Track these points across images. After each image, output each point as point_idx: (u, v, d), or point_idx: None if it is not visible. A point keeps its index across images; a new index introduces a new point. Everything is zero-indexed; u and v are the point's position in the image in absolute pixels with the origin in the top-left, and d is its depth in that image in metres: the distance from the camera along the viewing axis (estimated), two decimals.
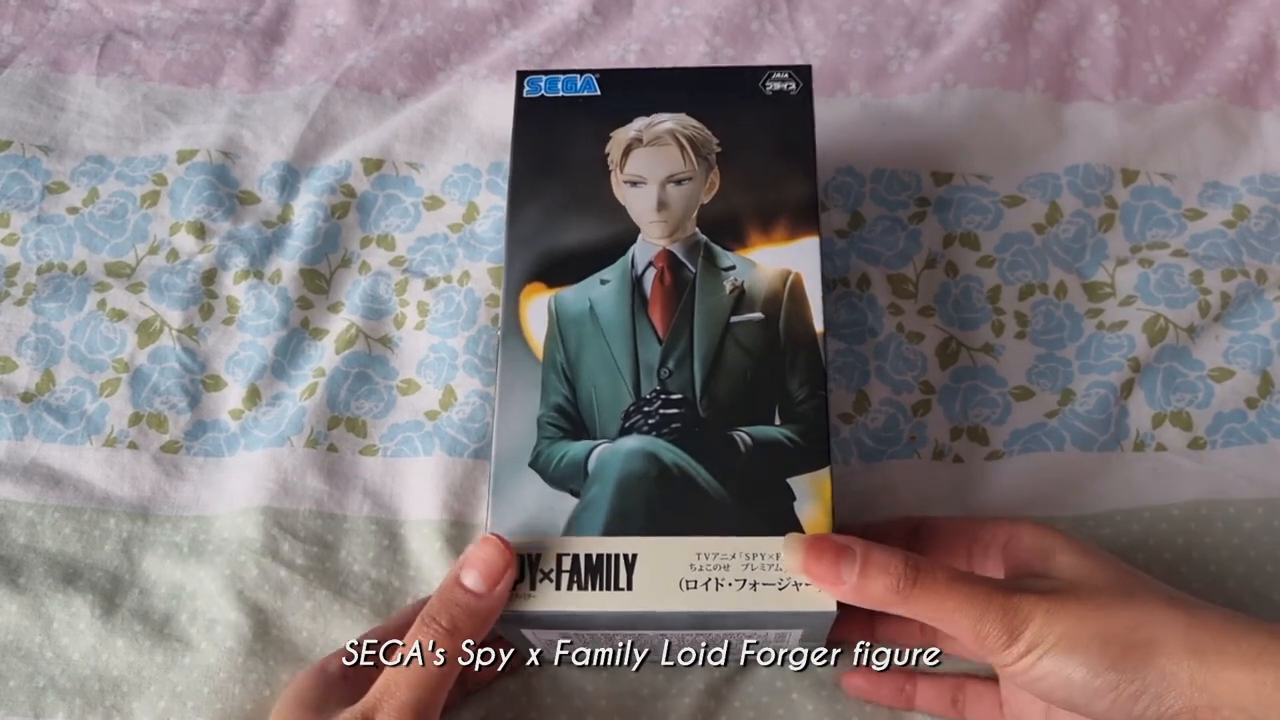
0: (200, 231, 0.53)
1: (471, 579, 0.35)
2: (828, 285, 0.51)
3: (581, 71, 0.43)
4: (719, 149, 0.41)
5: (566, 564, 0.35)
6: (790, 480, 0.36)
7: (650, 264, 0.39)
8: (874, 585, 0.33)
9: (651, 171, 0.40)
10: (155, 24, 0.60)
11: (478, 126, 0.56)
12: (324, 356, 0.50)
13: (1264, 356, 0.48)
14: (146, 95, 0.58)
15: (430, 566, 0.45)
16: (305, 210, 0.53)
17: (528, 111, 0.43)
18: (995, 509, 0.46)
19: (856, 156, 0.54)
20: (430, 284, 0.52)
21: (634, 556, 0.35)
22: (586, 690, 0.43)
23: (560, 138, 0.42)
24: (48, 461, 0.48)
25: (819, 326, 0.38)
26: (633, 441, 0.36)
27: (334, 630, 0.44)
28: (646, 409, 0.37)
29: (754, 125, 0.41)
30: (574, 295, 0.39)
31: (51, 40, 0.60)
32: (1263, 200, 0.52)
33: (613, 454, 0.36)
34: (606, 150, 0.41)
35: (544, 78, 0.43)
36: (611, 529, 0.35)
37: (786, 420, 0.37)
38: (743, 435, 0.36)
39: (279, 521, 0.46)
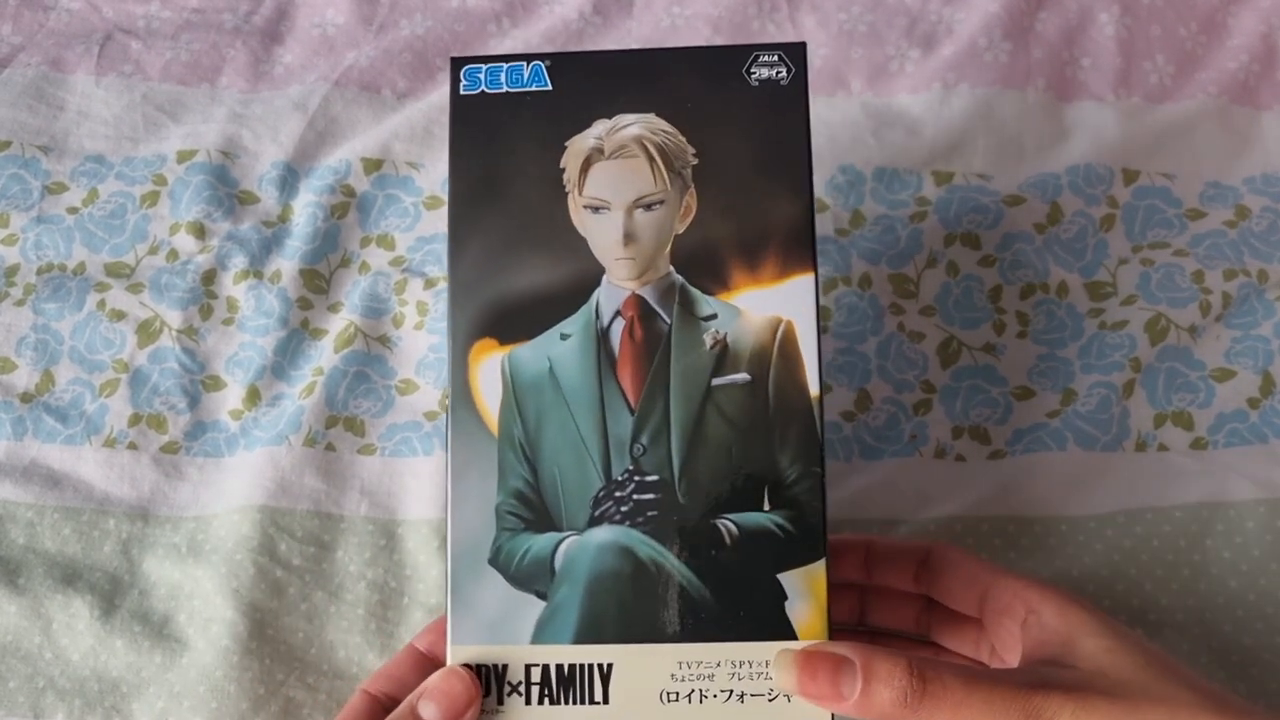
0: (200, 231, 0.53)
1: (430, 713, 0.32)
2: (829, 284, 0.51)
3: (529, 58, 0.36)
4: (695, 161, 0.34)
5: (536, 675, 0.32)
6: (781, 576, 0.32)
7: (618, 313, 0.33)
8: (879, 699, 0.30)
9: (616, 193, 0.34)
10: (154, 23, 0.60)
11: None
12: (323, 356, 0.50)
13: (1265, 356, 0.48)
14: (146, 95, 0.58)
15: (427, 566, 0.45)
16: (305, 210, 0.53)
17: (466, 114, 0.35)
18: (996, 509, 0.46)
19: (857, 156, 0.54)
20: (430, 284, 0.51)
21: (609, 667, 0.32)
22: None
23: (506, 148, 0.35)
24: (47, 462, 0.48)
25: (814, 389, 0.33)
26: (604, 534, 0.32)
27: (330, 630, 0.44)
28: (618, 494, 0.32)
29: (736, 126, 0.34)
30: (531, 354, 0.33)
31: (51, 40, 0.60)
32: (1264, 200, 0.52)
33: (581, 549, 0.32)
34: (561, 165, 0.34)
35: (484, 68, 0.36)
36: (583, 636, 0.32)
37: (776, 505, 0.32)
38: (727, 524, 0.32)
39: (276, 521, 0.46)
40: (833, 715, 0.31)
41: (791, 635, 0.32)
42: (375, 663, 0.43)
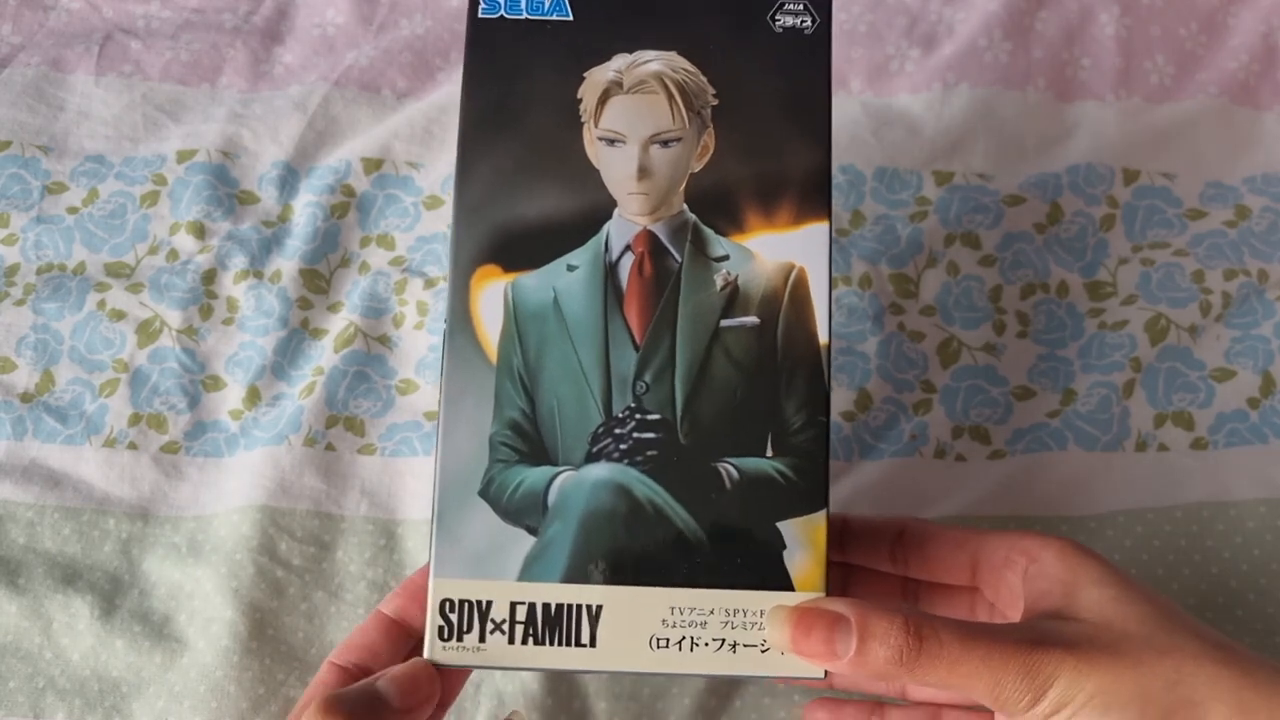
0: (200, 231, 0.53)
1: (388, 691, 0.31)
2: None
3: None
4: (715, 102, 0.33)
5: (521, 614, 0.31)
6: (781, 525, 0.31)
7: (628, 248, 0.33)
8: (874, 657, 0.29)
9: (632, 127, 0.33)
10: (154, 23, 0.60)
11: None
12: (323, 356, 0.50)
13: (1265, 356, 0.48)
14: (146, 95, 0.58)
15: None
16: (305, 210, 0.53)
17: (483, 38, 0.34)
18: (997, 509, 0.46)
19: (857, 155, 0.54)
20: (430, 283, 0.51)
21: (598, 609, 0.31)
22: (587, 691, 0.43)
23: (522, 75, 0.34)
24: (47, 462, 0.48)
25: (823, 337, 0.32)
26: (601, 470, 0.31)
27: (330, 630, 0.44)
28: (618, 431, 0.31)
29: (758, 72, 0.33)
30: (536, 283, 0.32)
31: (50, 40, 0.60)
32: (1264, 200, 0.52)
33: (577, 485, 0.31)
34: (579, 95, 0.34)
35: None
36: (572, 575, 0.31)
37: (780, 452, 0.31)
38: (728, 468, 0.31)
39: (276, 520, 0.46)
40: (826, 671, 0.31)
41: (788, 586, 0.31)
42: None
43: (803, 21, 0.34)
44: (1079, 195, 0.52)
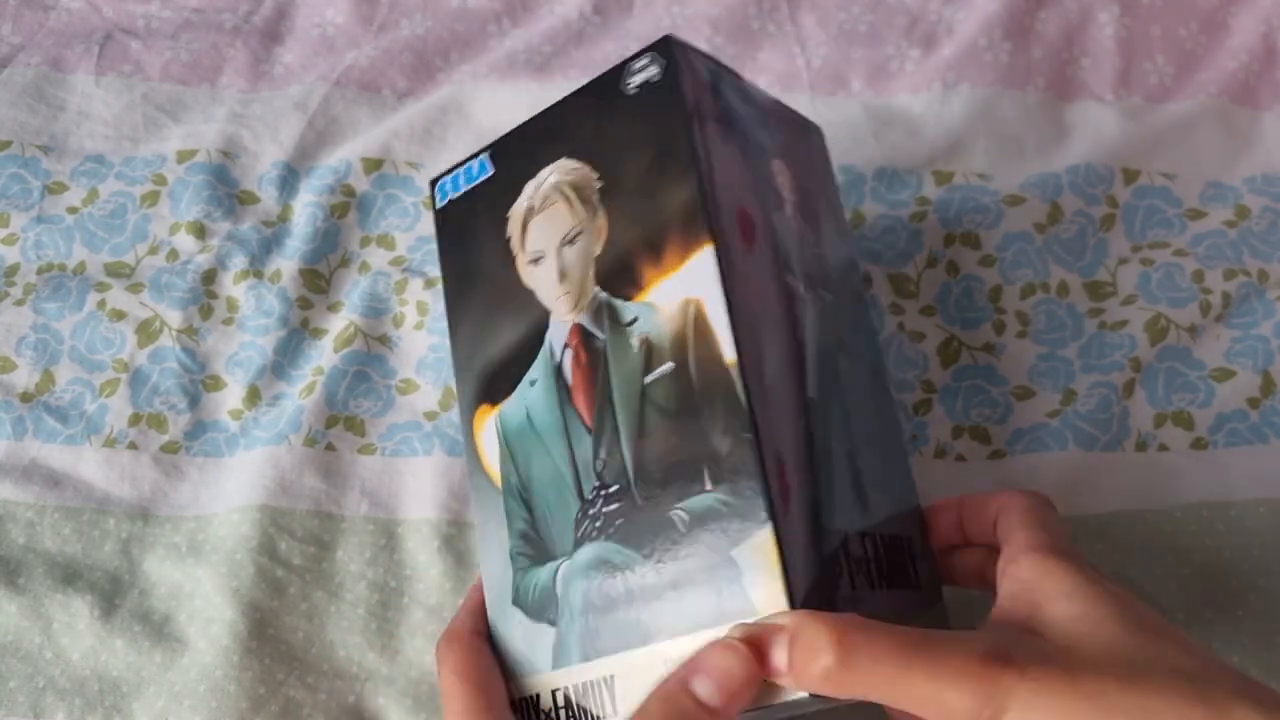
0: (200, 231, 0.53)
1: (706, 689, 0.29)
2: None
3: (478, 154, 0.40)
4: (600, 184, 0.36)
5: (560, 699, 0.33)
6: (734, 553, 0.31)
7: (566, 345, 0.35)
8: (808, 669, 0.28)
9: (548, 240, 0.36)
10: (154, 23, 0.60)
11: (478, 126, 0.56)
12: (323, 356, 0.50)
13: (1265, 356, 0.48)
14: (146, 95, 0.58)
15: (427, 566, 0.45)
16: (305, 210, 0.53)
17: (445, 223, 0.40)
18: None
19: (857, 155, 0.54)
20: (430, 283, 0.51)
21: (612, 678, 0.32)
22: None
23: (474, 239, 0.39)
24: (47, 462, 0.48)
25: (729, 356, 0.32)
26: (586, 553, 0.33)
27: (330, 630, 0.44)
28: (591, 511, 0.33)
29: (627, 137, 0.35)
30: (513, 407, 0.36)
31: (51, 40, 0.60)
32: (1264, 200, 0.52)
33: (572, 571, 0.34)
34: (508, 234, 0.38)
35: (449, 178, 0.41)
36: (587, 654, 0.33)
37: (717, 480, 0.31)
38: (679, 513, 0.32)
39: (276, 520, 0.46)
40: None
41: (750, 611, 0.30)
42: (375, 662, 0.43)
43: (651, 73, 0.35)
44: (1079, 195, 0.52)
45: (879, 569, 0.34)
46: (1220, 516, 0.45)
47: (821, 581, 0.31)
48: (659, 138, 0.34)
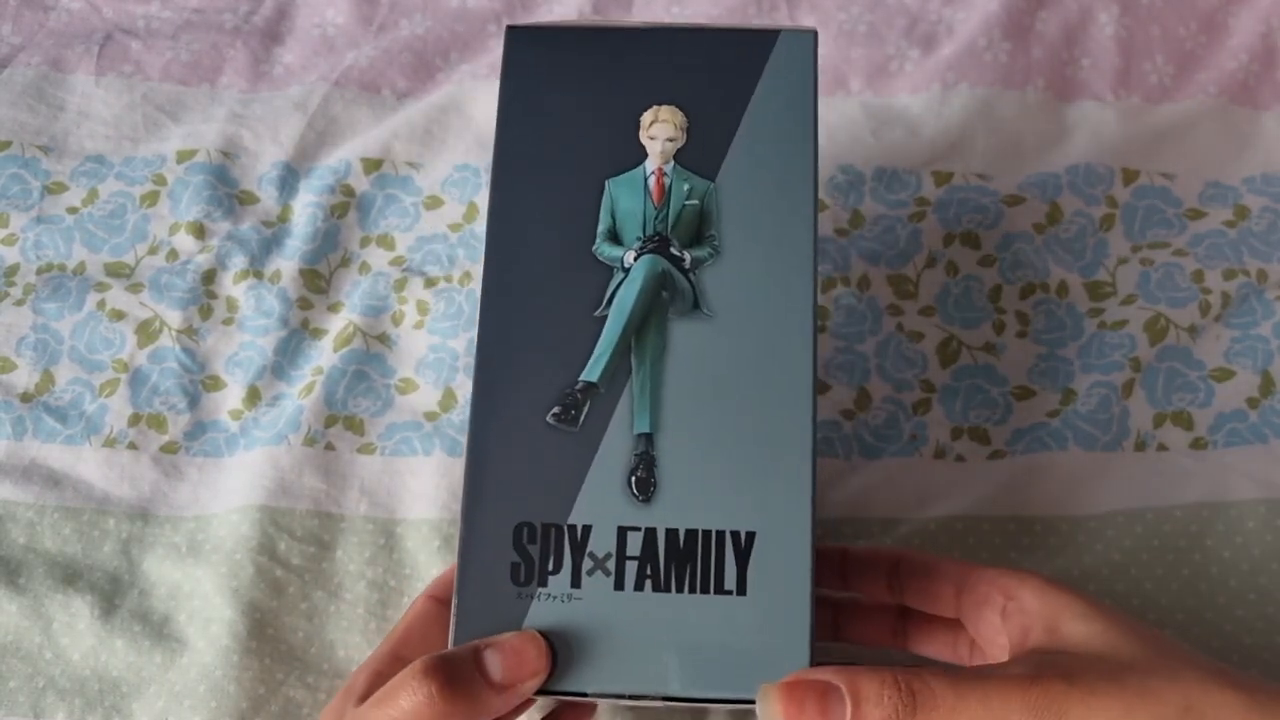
0: (200, 231, 0.53)
1: (494, 665, 0.31)
2: (828, 284, 0.51)
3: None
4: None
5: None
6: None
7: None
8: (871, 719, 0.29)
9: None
10: (154, 23, 0.60)
11: (478, 126, 0.56)
12: (323, 356, 0.50)
13: (1265, 356, 0.48)
14: (146, 95, 0.58)
15: (427, 565, 0.45)
16: (305, 210, 0.53)
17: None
18: (997, 509, 0.46)
19: (857, 155, 0.54)
20: (430, 283, 0.51)
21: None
22: None
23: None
24: (47, 462, 0.48)
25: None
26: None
27: (329, 630, 0.44)
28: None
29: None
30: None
31: (51, 40, 0.60)
32: (1263, 200, 0.52)
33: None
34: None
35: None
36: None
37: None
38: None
39: (276, 520, 0.46)
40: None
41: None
42: None
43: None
44: (1078, 195, 0.52)
45: (662, 569, 0.32)
46: (1220, 516, 0.45)
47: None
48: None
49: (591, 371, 0.33)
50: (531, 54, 0.37)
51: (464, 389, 0.49)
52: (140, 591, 0.45)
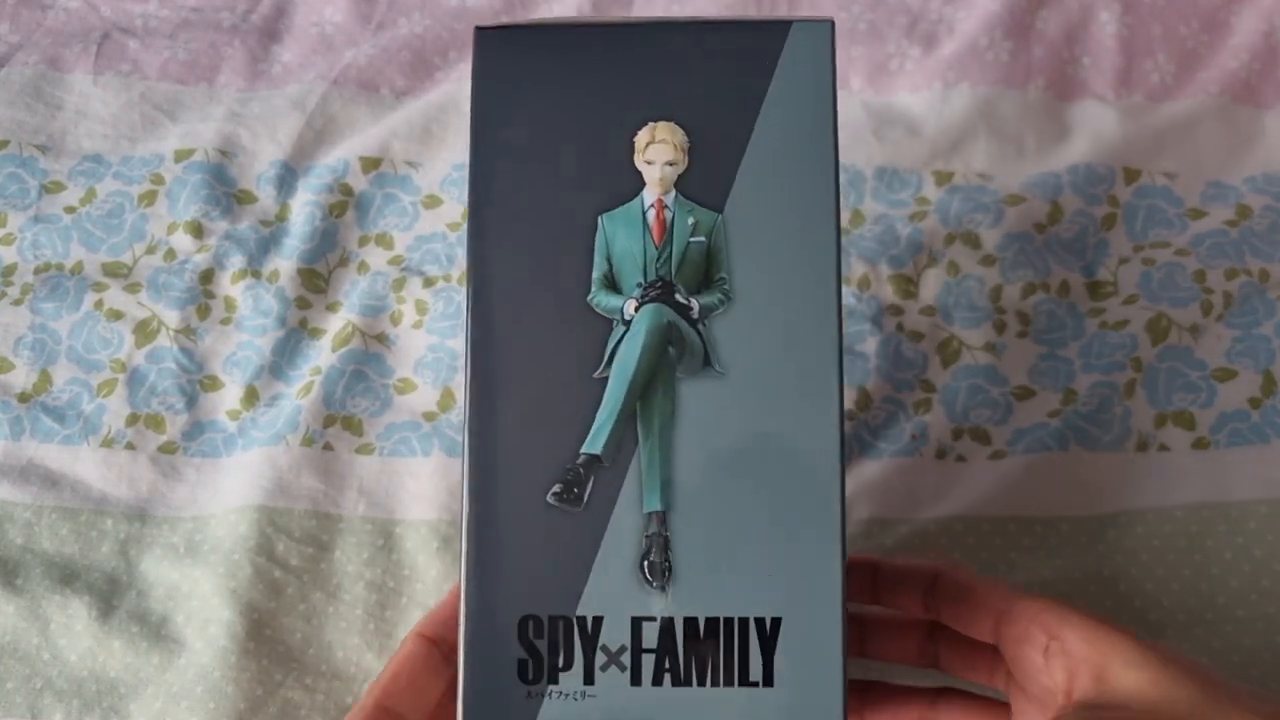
0: (198, 231, 0.53)
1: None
2: None
3: None
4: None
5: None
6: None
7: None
8: None
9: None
10: (152, 22, 0.60)
11: None
12: (321, 355, 0.50)
13: (1267, 356, 0.48)
14: (144, 94, 0.58)
15: (425, 566, 0.45)
16: (303, 209, 0.53)
17: None
18: (997, 509, 0.46)
19: (858, 154, 0.54)
20: (429, 282, 0.51)
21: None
22: None
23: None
24: (45, 462, 0.48)
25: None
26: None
27: (328, 631, 0.44)
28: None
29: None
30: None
31: (48, 39, 0.60)
32: (1265, 199, 0.52)
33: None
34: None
35: None
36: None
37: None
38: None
39: (274, 521, 0.45)
40: None
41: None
42: (374, 663, 0.43)
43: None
44: (1079, 195, 0.52)
45: (681, 661, 0.30)
46: (1221, 517, 0.45)
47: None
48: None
49: (594, 443, 0.30)
50: (505, 62, 0.32)
51: (464, 390, 0.49)
52: (138, 592, 0.45)
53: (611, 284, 0.31)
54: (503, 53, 0.32)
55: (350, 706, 0.43)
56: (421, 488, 0.47)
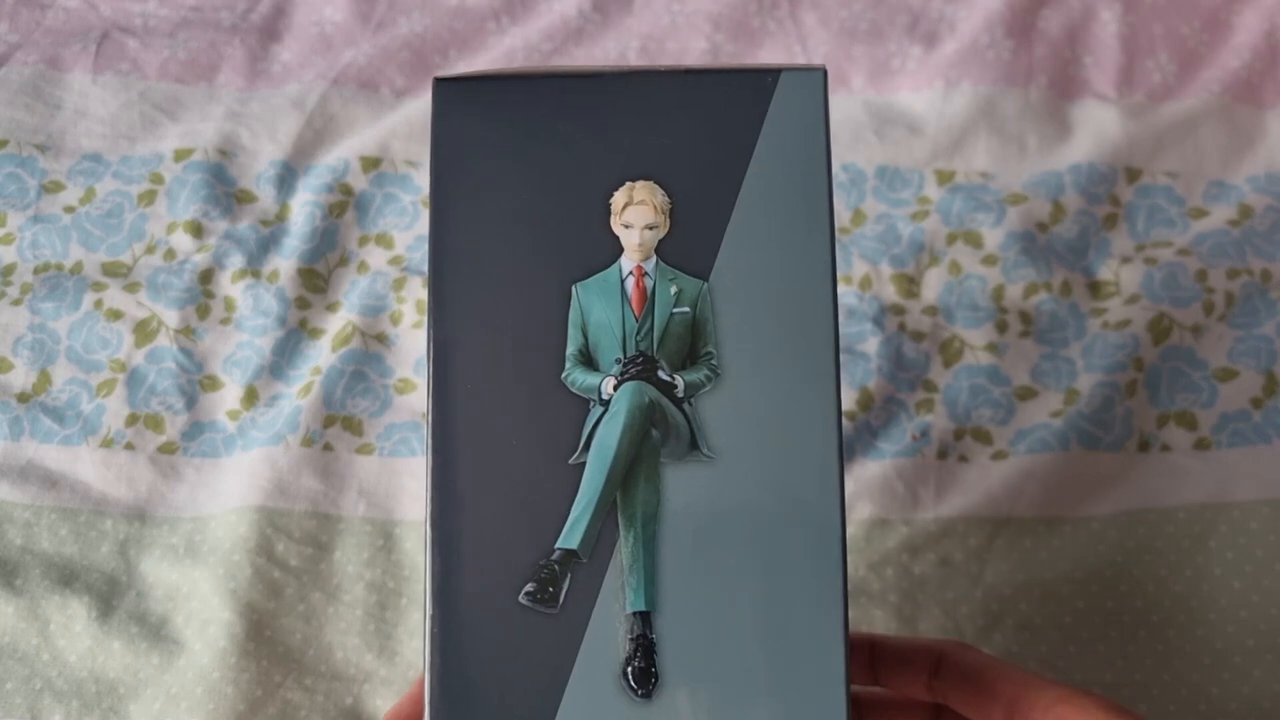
0: (197, 231, 0.53)
1: None
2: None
3: None
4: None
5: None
6: None
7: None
8: None
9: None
10: (152, 21, 0.60)
11: None
12: (321, 356, 0.50)
13: (1269, 356, 0.48)
14: (143, 93, 0.58)
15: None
16: (303, 209, 0.53)
17: None
18: (999, 509, 0.46)
19: (859, 154, 0.54)
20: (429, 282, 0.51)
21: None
22: None
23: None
24: (44, 462, 0.48)
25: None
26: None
27: (328, 632, 0.44)
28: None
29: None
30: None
31: (48, 38, 0.59)
32: (1267, 199, 0.52)
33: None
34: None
35: None
36: None
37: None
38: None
39: (274, 521, 0.45)
40: None
41: None
42: (373, 664, 0.43)
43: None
44: (1081, 194, 0.52)
45: None
46: (1223, 517, 0.44)
47: None
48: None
49: (570, 537, 0.27)
50: (467, 116, 0.29)
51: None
52: (137, 593, 0.45)
53: (588, 360, 0.29)
54: (465, 106, 0.29)
55: (350, 707, 0.43)
56: (422, 488, 0.46)
